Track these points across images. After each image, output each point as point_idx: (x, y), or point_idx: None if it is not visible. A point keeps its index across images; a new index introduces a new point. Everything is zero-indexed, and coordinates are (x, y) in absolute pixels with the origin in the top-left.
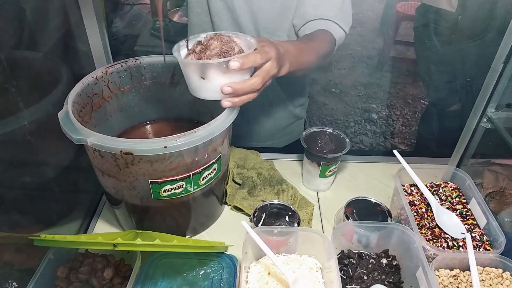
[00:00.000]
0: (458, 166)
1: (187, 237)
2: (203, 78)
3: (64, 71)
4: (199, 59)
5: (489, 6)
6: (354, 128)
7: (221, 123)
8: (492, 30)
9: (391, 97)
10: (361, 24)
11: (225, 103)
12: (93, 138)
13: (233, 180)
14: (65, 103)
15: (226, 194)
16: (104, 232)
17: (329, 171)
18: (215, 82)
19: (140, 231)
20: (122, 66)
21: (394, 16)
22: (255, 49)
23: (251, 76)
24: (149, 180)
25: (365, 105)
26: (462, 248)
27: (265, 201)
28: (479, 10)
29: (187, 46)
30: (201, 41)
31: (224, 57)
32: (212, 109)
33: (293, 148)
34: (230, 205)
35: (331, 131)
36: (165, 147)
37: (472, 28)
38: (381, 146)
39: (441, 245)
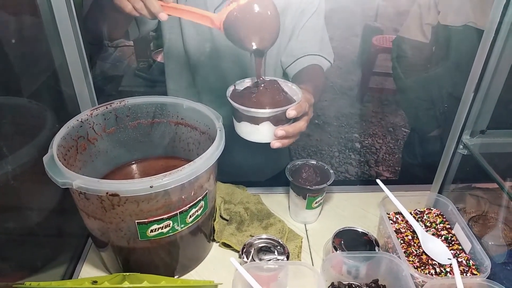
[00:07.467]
0: (440, 192)
1: (175, 277)
2: (257, 124)
3: (49, 115)
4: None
5: (460, 37)
6: (339, 158)
7: (207, 160)
8: (464, 59)
9: (372, 126)
10: (339, 57)
11: (276, 144)
12: (78, 181)
13: (221, 216)
14: (50, 147)
15: (214, 230)
16: (91, 276)
17: (316, 203)
18: (267, 128)
19: (128, 273)
20: (107, 108)
21: (370, 49)
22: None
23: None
24: (136, 221)
25: (348, 135)
26: (450, 274)
27: (253, 236)
28: (451, 41)
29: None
30: (251, 87)
31: (276, 105)
32: (196, 145)
33: (279, 179)
34: (219, 241)
35: (315, 162)
36: (151, 187)
37: (446, 57)
38: (366, 175)
39: (429, 272)
